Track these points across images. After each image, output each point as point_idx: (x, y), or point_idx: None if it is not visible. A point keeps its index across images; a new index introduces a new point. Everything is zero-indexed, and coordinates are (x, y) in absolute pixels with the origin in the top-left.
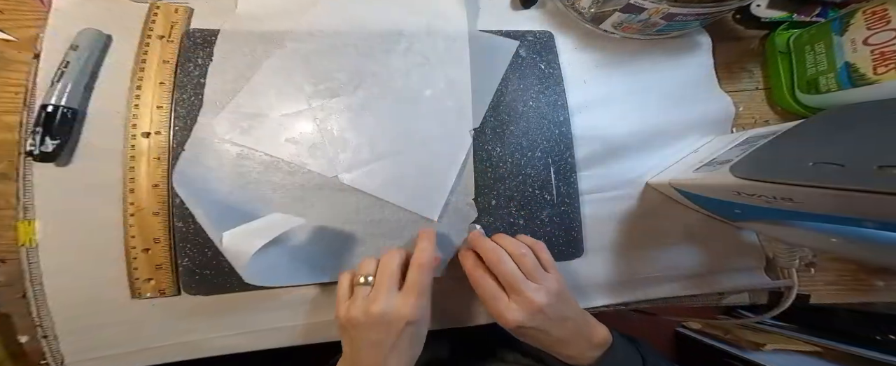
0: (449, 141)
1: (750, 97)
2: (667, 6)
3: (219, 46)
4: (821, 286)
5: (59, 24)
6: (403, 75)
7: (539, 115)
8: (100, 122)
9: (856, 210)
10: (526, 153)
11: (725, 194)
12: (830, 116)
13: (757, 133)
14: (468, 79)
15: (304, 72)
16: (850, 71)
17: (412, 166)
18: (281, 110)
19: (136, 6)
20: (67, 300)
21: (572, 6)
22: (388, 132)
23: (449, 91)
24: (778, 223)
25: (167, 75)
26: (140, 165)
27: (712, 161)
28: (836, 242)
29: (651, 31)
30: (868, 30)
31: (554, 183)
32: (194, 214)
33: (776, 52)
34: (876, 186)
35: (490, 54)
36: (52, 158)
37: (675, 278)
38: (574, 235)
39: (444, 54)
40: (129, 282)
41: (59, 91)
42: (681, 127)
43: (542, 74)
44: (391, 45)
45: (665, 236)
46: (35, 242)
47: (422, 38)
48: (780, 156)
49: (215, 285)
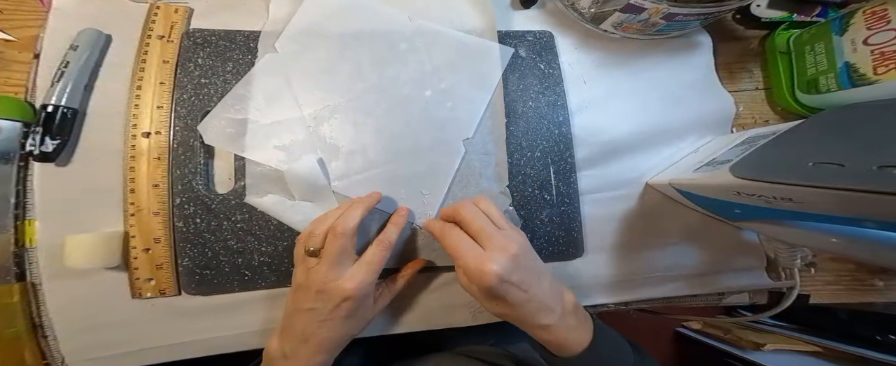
0: (442, 150)
1: (750, 97)
2: (667, 6)
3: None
4: (821, 286)
5: (59, 24)
6: (398, 83)
7: (539, 115)
8: (100, 122)
9: (856, 210)
10: (526, 153)
11: (725, 194)
12: (830, 115)
13: (757, 133)
14: (462, 87)
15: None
16: (850, 71)
17: (405, 175)
18: (271, 116)
19: (136, 6)
20: (67, 300)
21: (572, 6)
22: (381, 141)
23: (443, 100)
24: (778, 223)
25: (167, 75)
26: (140, 165)
27: (712, 161)
28: (836, 242)
29: (651, 31)
30: (868, 30)
31: (554, 183)
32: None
33: (776, 52)
34: (876, 186)
35: (484, 61)
36: (52, 158)
37: (675, 277)
38: (574, 235)
39: (438, 62)
40: (129, 282)
41: (59, 91)
42: (681, 127)
43: (542, 74)
44: (386, 53)
45: (665, 236)
46: (35, 242)
47: (416, 45)
48: (780, 156)
49: (215, 285)
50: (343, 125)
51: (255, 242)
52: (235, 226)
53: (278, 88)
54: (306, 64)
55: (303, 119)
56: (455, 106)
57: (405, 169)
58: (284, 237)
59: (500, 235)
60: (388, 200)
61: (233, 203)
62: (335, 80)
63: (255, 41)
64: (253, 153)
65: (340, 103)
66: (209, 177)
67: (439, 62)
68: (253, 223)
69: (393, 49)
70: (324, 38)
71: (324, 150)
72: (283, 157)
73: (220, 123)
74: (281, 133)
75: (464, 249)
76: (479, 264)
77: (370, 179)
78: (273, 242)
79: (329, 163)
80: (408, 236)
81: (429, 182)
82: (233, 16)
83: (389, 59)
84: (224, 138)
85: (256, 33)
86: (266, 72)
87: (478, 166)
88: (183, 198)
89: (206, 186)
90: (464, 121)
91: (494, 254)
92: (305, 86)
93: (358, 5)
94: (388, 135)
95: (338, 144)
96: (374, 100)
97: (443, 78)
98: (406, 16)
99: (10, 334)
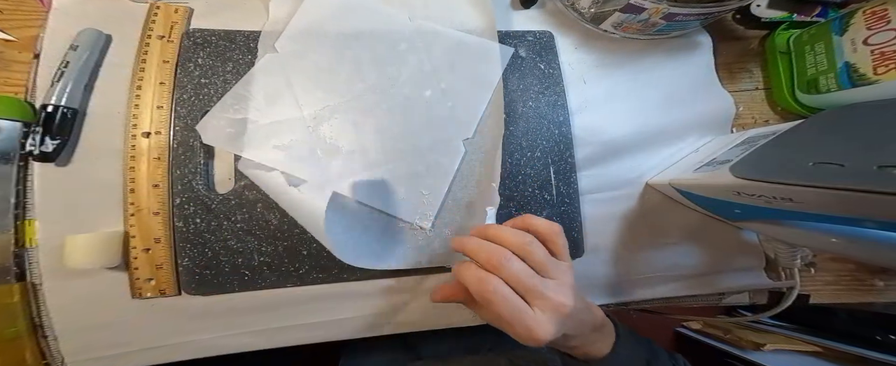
0: (442, 150)
1: (750, 97)
2: (667, 6)
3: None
4: (821, 286)
5: (59, 24)
6: (398, 83)
7: (539, 115)
8: (100, 122)
9: (856, 210)
10: (526, 153)
11: (725, 194)
12: (830, 115)
13: (757, 133)
14: (462, 87)
15: (297, 76)
16: (850, 71)
17: (405, 175)
18: (271, 116)
19: (136, 6)
20: (67, 300)
21: (572, 6)
22: (381, 141)
23: (443, 100)
24: (778, 223)
25: (167, 75)
26: (140, 165)
27: (712, 161)
28: (836, 242)
29: (651, 31)
30: (868, 30)
31: (554, 183)
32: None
33: (776, 52)
34: (876, 186)
35: (484, 61)
36: (52, 158)
37: (675, 278)
38: (574, 236)
39: (438, 62)
40: (129, 282)
41: (59, 91)
42: (681, 127)
43: (542, 74)
44: (386, 53)
45: (665, 236)
46: (35, 242)
47: (416, 45)
48: (779, 156)
49: (215, 285)
50: (343, 125)
51: (255, 242)
52: (235, 226)
53: (278, 88)
54: (306, 64)
55: (303, 119)
56: (455, 106)
57: (405, 169)
58: (284, 237)
59: (548, 288)
60: (388, 200)
61: (233, 203)
62: (335, 80)
63: (255, 41)
64: (252, 153)
65: (340, 103)
66: (209, 177)
67: (439, 62)
68: (253, 223)
69: (393, 49)
70: (324, 38)
71: (324, 150)
72: (283, 157)
73: (218, 123)
74: (281, 133)
75: (506, 312)
76: (525, 329)
77: (371, 179)
78: (273, 242)
79: (329, 163)
80: (409, 237)
81: (429, 182)
82: (233, 16)
83: (389, 59)
84: (223, 138)
85: (256, 33)
86: (266, 72)
87: (478, 166)
88: (183, 198)
89: (206, 186)
90: (464, 121)
91: (543, 314)
92: (305, 86)
93: (358, 5)
94: (388, 135)
95: (338, 144)
96: (374, 100)
97: (443, 78)
98: (406, 16)
99: (10, 334)
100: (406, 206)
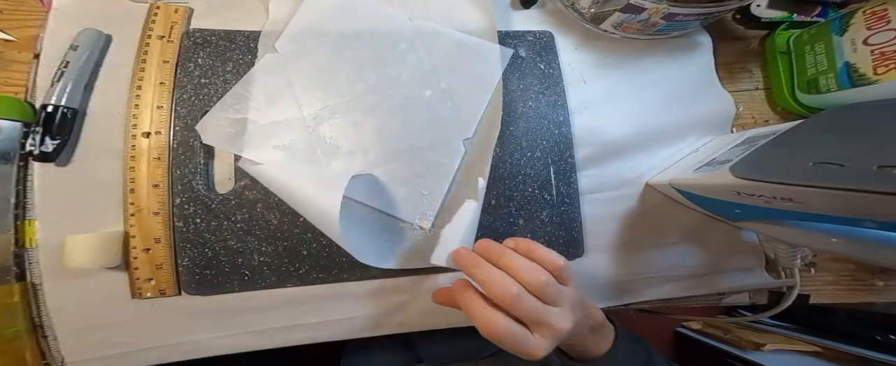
0: (442, 150)
1: (750, 97)
2: (667, 6)
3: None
4: (821, 286)
5: (59, 24)
6: (398, 84)
7: (539, 115)
8: (100, 122)
9: (856, 210)
10: (526, 153)
11: (725, 194)
12: (830, 115)
13: (757, 133)
14: (462, 87)
15: (297, 76)
16: (850, 71)
17: (405, 175)
18: (271, 116)
19: (136, 6)
20: (67, 300)
21: (572, 6)
22: (381, 141)
23: (443, 100)
24: (778, 223)
25: (167, 75)
26: (140, 165)
27: (712, 161)
28: (836, 242)
29: (651, 31)
30: (868, 30)
31: (554, 183)
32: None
33: (776, 52)
34: (876, 186)
35: (484, 61)
36: (52, 158)
37: (675, 278)
38: (574, 236)
39: (438, 63)
40: (129, 282)
41: (59, 91)
42: (681, 127)
43: (542, 75)
44: (386, 53)
45: (665, 236)
46: (35, 242)
47: (416, 45)
48: (780, 156)
49: (215, 285)
50: (343, 125)
51: (255, 242)
52: (235, 226)
53: (278, 88)
54: (306, 64)
55: (303, 119)
56: (455, 106)
57: (405, 169)
58: (284, 237)
59: (551, 316)
60: (388, 200)
61: (233, 203)
62: (335, 80)
63: (255, 41)
64: (252, 153)
65: (340, 103)
66: (209, 177)
67: (439, 62)
68: (253, 223)
69: (393, 49)
70: (324, 38)
71: (324, 150)
72: (283, 157)
73: (218, 123)
74: (281, 133)
75: (507, 338)
76: (525, 353)
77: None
78: (273, 242)
79: (329, 163)
80: (410, 237)
81: (429, 182)
82: (233, 16)
83: (389, 59)
84: (223, 138)
85: (256, 33)
86: (266, 72)
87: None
88: (183, 198)
89: (206, 186)
90: (464, 121)
91: (543, 338)
92: (305, 86)
93: (358, 5)
94: (388, 135)
95: (338, 144)
96: (375, 100)
97: (443, 78)
98: (406, 16)
99: (10, 334)
100: (406, 206)
